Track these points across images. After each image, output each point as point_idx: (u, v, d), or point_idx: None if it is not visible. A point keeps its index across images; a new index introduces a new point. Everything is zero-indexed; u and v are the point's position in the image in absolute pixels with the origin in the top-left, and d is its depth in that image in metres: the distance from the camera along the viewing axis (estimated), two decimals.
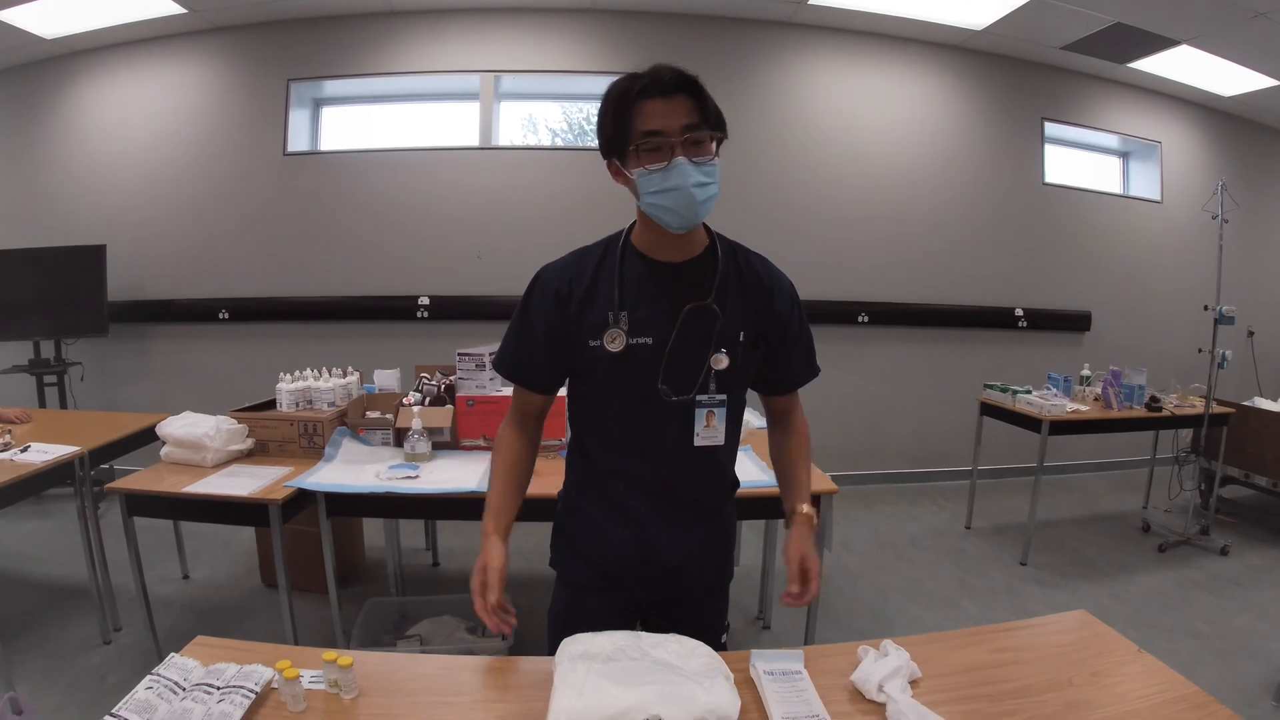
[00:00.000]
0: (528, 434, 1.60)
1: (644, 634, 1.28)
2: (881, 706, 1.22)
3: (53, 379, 5.06)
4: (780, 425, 1.67)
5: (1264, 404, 4.87)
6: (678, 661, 1.22)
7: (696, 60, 1.52)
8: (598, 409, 1.52)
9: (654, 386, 1.42)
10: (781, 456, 1.65)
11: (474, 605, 1.43)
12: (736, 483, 1.67)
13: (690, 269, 1.46)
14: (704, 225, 1.49)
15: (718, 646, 1.39)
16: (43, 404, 4.98)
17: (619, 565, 1.55)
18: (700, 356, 1.43)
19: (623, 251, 1.47)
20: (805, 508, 1.54)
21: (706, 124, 1.33)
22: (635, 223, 1.48)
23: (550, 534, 1.66)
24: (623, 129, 1.33)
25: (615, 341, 1.40)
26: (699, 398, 1.45)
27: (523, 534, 1.62)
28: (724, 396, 1.47)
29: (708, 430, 1.48)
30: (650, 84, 1.30)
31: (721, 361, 1.43)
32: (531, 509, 1.61)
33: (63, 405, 5.03)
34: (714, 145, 1.36)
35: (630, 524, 1.52)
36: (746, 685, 1.29)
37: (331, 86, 5.35)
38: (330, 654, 1.26)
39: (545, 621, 1.62)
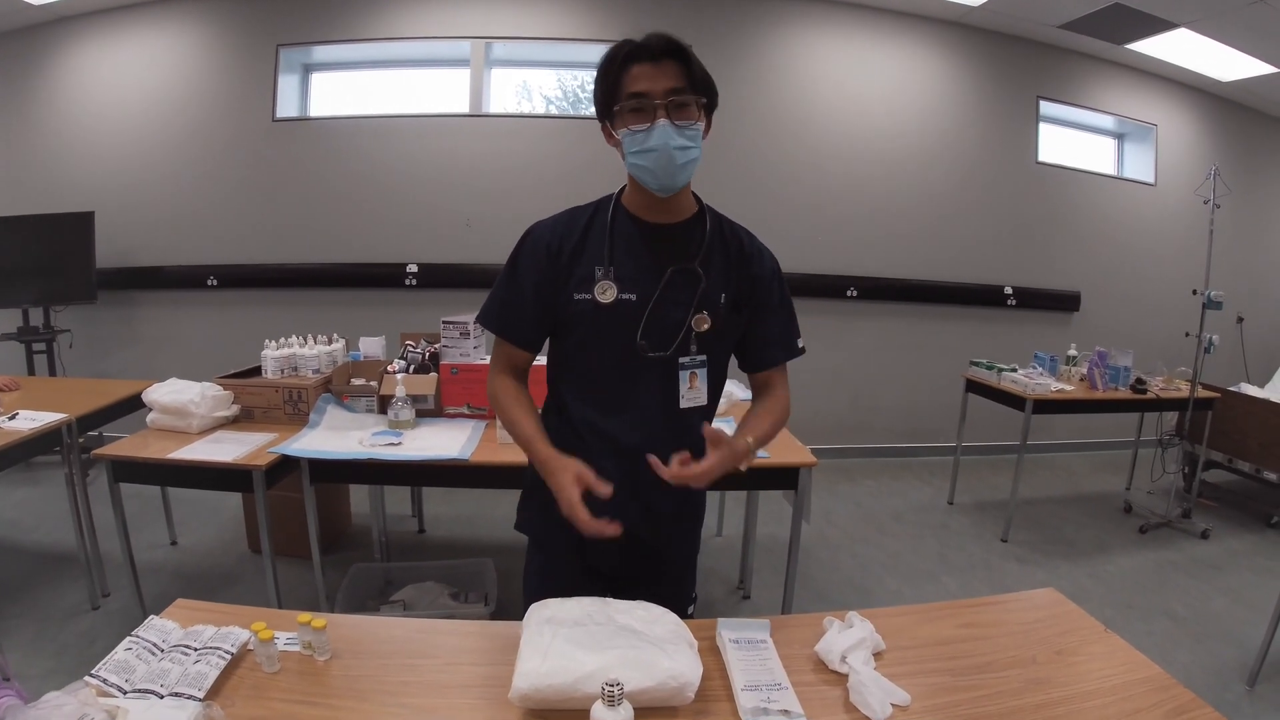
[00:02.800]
0: (521, 380, 1.60)
1: (611, 600, 1.29)
2: (844, 677, 1.24)
3: (41, 347, 5.03)
4: (761, 395, 1.66)
5: (1250, 390, 4.90)
6: (643, 627, 1.24)
7: (690, 29, 1.53)
8: (579, 364, 1.54)
9: (634, 342, 1.45)
10: (751, 410, 1.62)
11: (583, 528, 1.34)
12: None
13: (677, 232, 1.50)
14: (694, 194, 1.54)
15: (684, 618, 1.40)
16: (32, 372, 4.96)
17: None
18: (682, 316, 1.46)
19: (613, 211, 1.51)
20: (751, 439, 1.45)
21: (691, 89, 1.37)
22: (626, 185, 1.52)
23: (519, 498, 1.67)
24: (611, 91, 1.39)
25: (606, 293, 1.44)
26: (681, 359, 1.48)
27: (506, 500, 1.63)
28: (704, 358, 1.50)
29: (691, 392, 1.50)
30: (639, 49, 1.36)
31: (703, 323, 1.47)
32: (508, 477, 1.62)
33: (52, 373, 5.01)
34: (699, 111, 1.40)
35: None
36: (713, 653, 1.31)
37: (321, 52, 5.29)
38: (305, 616, 1.28)
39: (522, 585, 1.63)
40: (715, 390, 1.56)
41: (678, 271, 1.46)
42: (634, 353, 1.45)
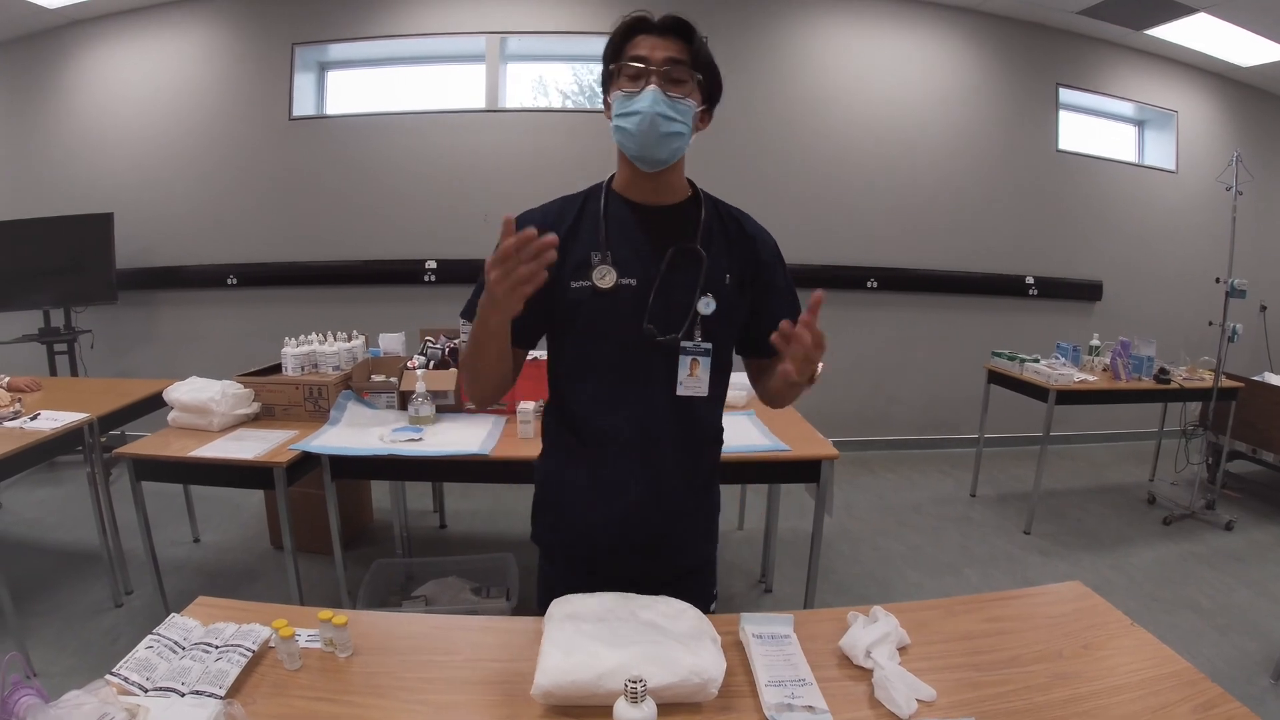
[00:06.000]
0: None
1: (633, 595, 1.27)
2: (868, 672, 1.22)
3: (63, 347, 5.09)
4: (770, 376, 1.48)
5: (1274, 379, 4.81)
6: (665, 623, 1.22)
7: (707, 20, 1.51)
8: (578, 356, 1.45)
9: (638, 328, 1.38)
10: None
11: (502, 280, 1.27)
12: (720, 440, 1.59)
13: (673, 213, 1.45)
14: (688, 179, 1.50)
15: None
16: (54, 372, 5.01)
17: (603, 535, 1.48)
18: (686, 300, 1.41)
19: (605, 196, 1.47)
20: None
21: (691, 64, 1.35)
22: (616, 171, 1.49)
23: (531, 506, 1.60)
24: (612, 57, 1.38)
25: (605, 278, 1.38)
26: (684, 343, 1.40)
27: (527, 495, 1.61)
28: (709, 345, 1.42)
29: (691, 380, 1.42)
30: (646, 20, 1.36)
31: (709, 305, 1.41)
32: (529, 471, 1.60)
33: (73, 373, 5.07)
34: (696, 89, 1.37)
35: (611, 487, 1.46)
36: (736, 648, 1.29)
37: (336, 50, 5.31)
38: (326, 613, 1.27)
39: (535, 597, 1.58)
40: (720, 382, 1.48)
41: (678, 252, 1.41)
42: (637, 339, 1.39)
